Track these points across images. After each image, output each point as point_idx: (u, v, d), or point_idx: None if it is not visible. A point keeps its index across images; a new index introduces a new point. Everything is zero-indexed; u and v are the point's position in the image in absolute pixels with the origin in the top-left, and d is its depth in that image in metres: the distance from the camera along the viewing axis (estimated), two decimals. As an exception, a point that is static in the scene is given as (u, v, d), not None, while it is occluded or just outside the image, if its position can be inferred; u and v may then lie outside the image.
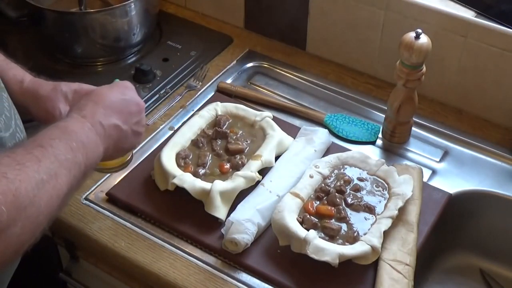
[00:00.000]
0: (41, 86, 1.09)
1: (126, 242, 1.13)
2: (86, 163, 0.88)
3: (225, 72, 1.48)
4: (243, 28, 1.60)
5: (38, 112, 1.07)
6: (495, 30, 1.26)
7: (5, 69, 1.08)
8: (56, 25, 1.47)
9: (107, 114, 0.95)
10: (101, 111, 0.95)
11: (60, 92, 1.08)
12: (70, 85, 1.10)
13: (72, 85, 1.10)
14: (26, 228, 0.76)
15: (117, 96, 1.00)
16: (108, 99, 0.98)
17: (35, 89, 1.08)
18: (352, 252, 1.04)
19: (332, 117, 1.35)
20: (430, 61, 1.23)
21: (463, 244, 1.29)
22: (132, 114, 1.01)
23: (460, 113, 1.39)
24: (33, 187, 0.77)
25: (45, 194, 0.79)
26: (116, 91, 1.01)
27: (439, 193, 1.20)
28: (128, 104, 1.00)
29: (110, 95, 0.99)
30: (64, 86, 1.09)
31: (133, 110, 1.01)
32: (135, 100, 1.02)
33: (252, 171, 1.16)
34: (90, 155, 0.89)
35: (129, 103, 1.01)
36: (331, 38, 1.48)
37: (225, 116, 1.28)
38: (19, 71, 1.10)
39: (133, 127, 1.01)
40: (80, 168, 0.87)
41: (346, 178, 1.17)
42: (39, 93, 1.08)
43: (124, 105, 0.99)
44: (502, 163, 1.29)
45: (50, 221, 0.82)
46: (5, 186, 0.74)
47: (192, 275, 1.08)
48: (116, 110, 0.97)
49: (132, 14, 1.46)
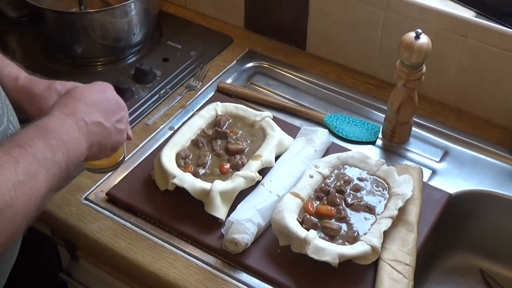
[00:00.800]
0: (35, 84, 1.09)
1: (126, 242, 1.13)
2: (67, 161, 0.87)
3: (225, 72, 1.48)
4: (243, 28, 1.60)
5: (32, 110, 1.07)
6: (495, 30, 1.26)
7: (0, 66, 1.08)
8: (56, 25, 1.47)
9: (89, 111, 0.95)
10: (83, 108, 0.94)
11: (55, 91, 1.08)
12: (64, 84, 1.09)
13: (67, 84, 1.10)
14: (4, 229, 0.76)
15: (98, 95, 0.99)
16: (89, 97, 0.98)
17: (30, 87, 1.08)
18: (352, 252, 1.04)
19: (332, 117, 1.35)
20: (430, 61, 1.23)
21: (463, 244, 1.29)
22: (114, 112, 1.01)
23: (460, 113, 1.39)
24: (9, 189, 0.76)
25: (22, 195, 0.78)
26: (96, 90, 1.01)
27: (439, 193, 1.20)
28: (109, 103, 1.00)
29: (91, 94, 0.99)
30: (59, 85, 1.09)
31: (114, 108, 1.01)
32: (115, 99, 1.02)
33: (252, 171, 1.16)
34: (72, 153, 0.88)
35: (110, 101, 1.01)
36: (331, 38, 1.48)
37: (225, 116, 1.28)
38: (14, 68, 1.10)
39: (115, 124, 1.00)
40: (60, 167, 0.86)
41: (346, 178, 1.17)
42: (34, 91, 1.08)
43: (105, 103, 0.99)
44: (502, 163, 1.29)
45: (29, 222, 0.81)
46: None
47: (192, 275, 1.08)
48: (98, 108, 0.97)
49: (132, 14, 1.46)
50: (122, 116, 1.02)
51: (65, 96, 0.98)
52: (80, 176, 1.22)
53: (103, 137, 0.97)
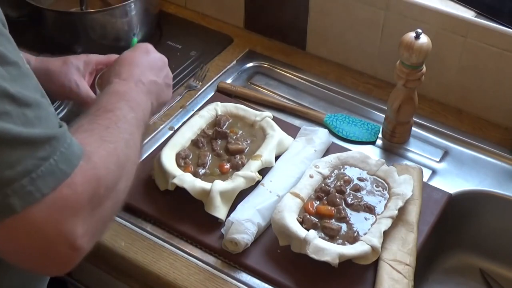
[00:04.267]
0: (50, 62, 1.14)
1: (126, 242, 1.13)
2: (145, 120, 0.96)
3: (225, 72, 1.48)
4: (243, 28, 1.61)
5: (53, 87, 1.11)
6: (495, 30, 1.26)
7: None
8: (56, 25, 1.48)
9: (143, 72, 1.02)
10: (137, 71, 1.02)
11: (72, 65, 1.13)
12: (79, 58, 1.16)
13: (81, 57, 1.16)
14: (127, 182, 0.85)
15: (143, 56, 1.07)
16: (138, 59, 1.05)
17: (45, 66, 1.13)
18: (352, 252, 1.04)
19: (332, 117, 1.35)
20: (430, 61, 1.23)
21: (463, 244, 1.29)
22: (161, 68, 1.08)
23: (460, 113, 1.39)
24: (125, 146, 0.84)
25: (132, 150, 0.86)
26: (140, 52, 1.08)
27: (439, 193, 1.20)
28: (155, 61, 1.08)
29: (138, 56, 1.06)
30: (74, 59, 1.15)
31: (160, 65, 1.09)
32: (158, 56, 1.10)
33: (252, 171, 1.16)
34: (146, 111, 0.97)
35: (155, 59, 1.08)
36: (331, 38, 1.48)
37: (225, 116, 1.28)
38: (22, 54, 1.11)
39: (165, 80, 1.08)
40: (143, 125, 0.94)
41: (346, 178, 1.17)
42: (51, 70, 1.12)
43: (152, 62, 1.07)
44: (502, 163, 1.29)
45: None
46: (107, 148, 0.80)
47: (192, 275, 1.08)
48: (148, 68, 1.04)
49: (132, 14, 1.46)
50: (167, 71, 1.11)
51: (115, 64, 1.05)
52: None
53: (158, 94, 1.05)
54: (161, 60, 1.10)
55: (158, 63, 1.08)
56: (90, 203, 0.74)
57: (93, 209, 0.75)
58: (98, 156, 0.77)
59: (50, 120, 0.73)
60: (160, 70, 1.08)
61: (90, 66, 1.16)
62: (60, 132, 0.73)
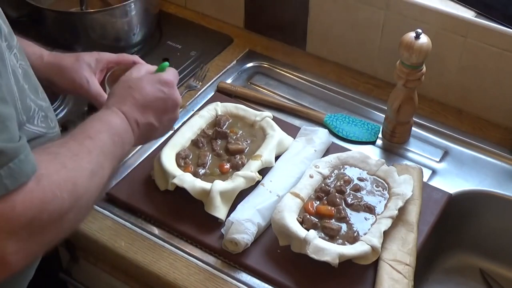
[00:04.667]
0: (63, 58, 1.15)
1: (126, 242, 1.13)
2: (122, 157, 0.96)
3: (225, 72, 1.48)
4: (243, 28, 1.61)
5: (65, 83, 1.13)
6: (495, 30, 1.26)
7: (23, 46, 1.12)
8: (56, 25, 1.48)
9: (144, 112, 1.00)
10: (139, 109, 0.99)
11: (83, 62, 1.14)
12: (91, 55, 1.16)
13: (93, 54, 1.16)
14: (79, 214, 0.83)
15: (156, 94, 1.02)
16: (148, 96, 1.01)
17: (58, 62, 1.14)
18: (352, 252, 1.04)
19: (332, 117, 1.35)
20: (430, 61, 1.23)
21: (463, 244, 1.29)
22: (167, 111, 1.04)
23: (460, 113, 1.39)
24: (87, 177, 0.83)
25: (95, 183, 0.85)
26: (156, 88, 1.03)
27: (439, 193, 1.20)
28: (165, 101, 1.03)
29: (150, 92, 1.02)
30: (86, 56, 1.16)
31: (168, 108, 1.04)
32: (172, 97, 1.05)
33: (252, 171, 1.16)
34: (125, 149, 0.97)
35: (167, 100, 1.04)
36: (331, 38, 1.48)
37: (225, 116, 1.28)
38: (36, 48, 1.15)
39: (165, 123, 1.05)
40: (118, 161, 0.94)
41: (346, 178, 1.17)
42: (63, 65, 1.14)
43: (161, 102, 1.03)
44: (502, 163, 1.29)
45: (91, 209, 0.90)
46: (65, 175, 0.79)
47: (192, 275, 1.08)
48: (153, 109, 1.01)
49: (132, 14, 1.46)
50: (174, 114, 1.06)
51: (125, 87, 1.02)
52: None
53: (149, 136, 1.04)
54: (173, 102, 1.05)
55: (168, 104, 1.04)
56: (28, 226, 0.74)
57: (31, 233, 0.75)
58: (50, 180, 0.77)
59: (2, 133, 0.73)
60: (166, 112, 1.04)
61: (101, 64, 1.17)
62: (11, 147, 0.73)
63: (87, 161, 0.84)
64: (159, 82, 1.03)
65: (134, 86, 1.02)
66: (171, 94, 1.04)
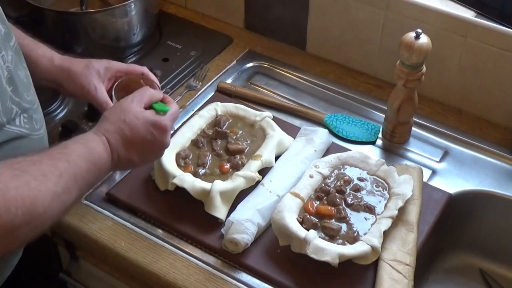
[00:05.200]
0: (73, 63, 1.16)
1: (126, 242, 1.13)
2: (94, 183, 0.99)
3: (225, 72, 1.48)
4: (243, 28, 1.61)
5: (73, 87, 1.15)
6: (495, 30, 1.26)
7: (34, 48, 1.15)
8: (56, 25, 1.47)
9: (128, 149, 1.00)
10: (124, 144, 1.00)
11: (93, 69, 1.16)
12: (101, 62, 1.18)
13: (103, 62, 1.18)
14: (34, 231, 0.85)
15: (146, 135, 1.02)
16: (136, 136, 1.01)
17: (68, 66, 1.15)
18: (352, 252, 1.04)
19: (332, 117, 1.35)
20: (430, 61, 1.23)
21: (463, 244, 1.29)
22: (153, 153, 1.06)
23: (460, 113, 1.39)
24: (49, 199, 0.85)
25: (57, 205, 0.87)
26: (147, 129, 1.02)
27: (439, 193, 1.20)
28: (152, 144, 1.04)
29: (140, 132, 1.02)
30: (96, 63, 1.17)
31: (155, 149, 1.06)
32: (161, 142, 1.04)
33: (252, 171, 1.16)
34: (100, 177, 1.01)
35: (154, 143, 1.04)
36: (331, 38, 1.48)
37: (225, 116, 1.28)
38: (47, 50, 1.17)
39: (147, 160, 1.07)
40: (88, 187, 0.97)
41: (346, 178, 1.17)
42: (73, 70, 1.15)
43: (148, 144, 1.03)
44: (502, 163, 1.29)
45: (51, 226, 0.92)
46: (25, 193, 0.82)
47: (192, 275, 1.08)
48: (139, 148, 1.02)
49: (132, 14, 1.46)
50: (158, 154, 1.08)
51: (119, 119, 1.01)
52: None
53: (126, 168, 1.11)
54: (160, 146, 1.05)
55: (154, 147, 1.04)
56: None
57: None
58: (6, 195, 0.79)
59: None
60: (150, 153, 1.05)
61: (110, 72, 1.18)
62: None
63: (54, 183, 0.86)
64: (153, 125, 1.03)
65: (128, 121, 1.01)
66: (161, 139, 1.04)
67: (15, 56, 0.97)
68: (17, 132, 0.95)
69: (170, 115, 1.06)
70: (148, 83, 1.20)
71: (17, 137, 0.96)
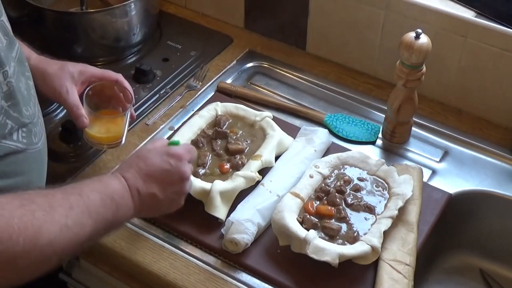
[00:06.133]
0: (48, 64, 1.15)
1: (126, 242, 1.12)
2: (113, 222, 0.93)
3: (225, 72, 1.48)
4: (243, 28, 1.60)
5: (46, 88, 1.13)
6: (495, 30, 1.26)
7: None
8: (56, 25, 1.48)
9: (146, 181, 0.98)
10: (142, 178, 0.98)
11: (68, 72, 1.15)
12: (76, 66, 1.17)
13: (78, 65, 1.17)
14: (37, 263, 0.81)
15: (162, 165, 1.00)
16: (152, 167, 1.00)
17: (43, 67, 1.14)
18: (352, 252, 1.04)
19: (332, 117, 1.35)
20: (430, 61, 1.23)
21: (463, 244, 1.29)
22: (173, 184, 1.01)
23: (460, 113, 1.39)
24: (56, 230, 0.82)
25: (65, 238, 0.83)
26: (162, 160, 1.01)
27: (439, 193, 1.20)
28: (171, 174, 1.01)
29: (156, 163, 1.00)
30: (71, 66, 1.16)
31: (174, 180, 1.01)
32: (179, 171, 1.02)
33: (252, 171, 1.16)
34: (120, 216, 0.95)
35: (173, 173, 1.01)
36: (331, 38, 1.48)
37: (225, 116, 1.28)
38: (25, 49, 1.14)
39: (170, 195, 1.02)
40: (106, 225, 0.92)
41: (346, 178, 1.17)
42: (47, 71, 1.14)
43: (166, 175, 1.00)
44: (502, 163, 1.29)
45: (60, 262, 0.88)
46: (29, 222, 0.79)
47: (192, 275, 1.08)
48: (157, 180, 0.99)
49: (132, 14, 1.46)
50: (181, 187, 1.03)
51: (133, 157, 1.02)
52: (80, 176, 1.23)
53: (153, 207, 1.01)
54: (180, 176, 1.02)
55: (174, 177, 1.01)
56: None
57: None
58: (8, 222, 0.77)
59: None
60: (171, 185, 1.01)
61: (84, 76, 1.18)
62: None
63: (63, 215, 0.83)
64: (167, 154, 1.02)
65: (141, 156, 1.01)
66: (178, 167, 1.01)
67: (17, 67, 0.95)
68: (13, 147, 0.93)
69: (183, 145, 1.06)
70: (121, 90, 1.21)
71: (12, 152, 0.93)
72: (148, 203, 0.99)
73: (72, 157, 1.28)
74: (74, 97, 1.15)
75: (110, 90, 1.21)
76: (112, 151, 1.27)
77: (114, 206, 0.92)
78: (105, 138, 1.18)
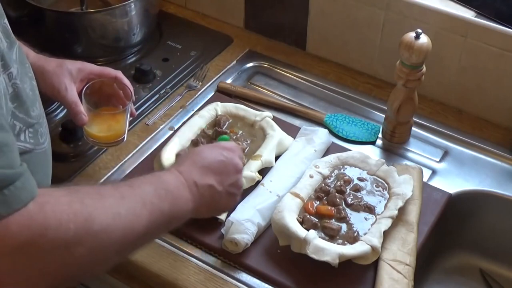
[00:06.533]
0: (46, 62, 1.15)
1: (126, 242, 1.12)
2: (171, 214, 0.90)
3: (225, 72, 1.48)
4: (243, 28, 1.60)
5: (44, 86, 1.12)
6: (495, 30, 1.26)
7: None
8: (56, 25, 1.47)
9: (203, 173, 0.97)
10: (198, 170, 0.97)
11: (66, 69, 1.15)
12: (74, 63, 1.17)
13: (76, 63, 1.17)
14: (95, 251, 0.78)
15: (216, 157, 1.01)
16: (207, 159, 1.00)
17: (41, 64, 1.14)
18: (352, 252, 1.04)
19: (332, 117, 1.35)
20: (430, 61, 1.23)
21: (463, 244, 1.29)
22: (229, 175, 1.01)
23: (460, 113, 1.39)
24: (108, 217, 0.79)
25: (119, 227, 0.81)
26: (216, 152, 1.02)
27: (439, 193, 1.20)
28: (226, 165, 1.01)
29: (209, 155, 1.01)
30: (69, 63, 1.16)
31: (230, 171, 1.01)
32: (233, 162, 1.02)
33: (252, 171, 1.16)
34: (178, 208, 0.92)
35: (227, 164, 1.01)
36: (331, 38, 1.48)
37: (225, 116, 1.28)
38: (23, 48, 1.12)
39: (228, 188, 1.01)
40: (163, 216, 0.88)
41: (346, 178, 1.17)
42: (46, 69, 1.14)
43: (221, 166, 1.00)
44: (502, 163, 1.29)
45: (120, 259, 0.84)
46: (78, 209, 0.77)
47: (192, 275, 1.08)
48: (213, 171, 0.99)
49: (132, 14, 1.46)
50: (236, 179, 1.02)
51: (186, 154, 1.03)
52: (80, 176, 1.23)
53: (213, 200, 0.99)
54: (234, 167, 1.02)
55: (228, 169, 1.01)
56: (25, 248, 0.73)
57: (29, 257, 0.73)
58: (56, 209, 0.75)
59: None
60: (227, 176, 1.00)
61: (83, 73, 1.17)
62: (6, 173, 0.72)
63: (114, 203, 0.82)
64: (219, 147, 1.03)
65: (194, 151, 1.03)
66: (231, 159, 1.01)
67: (20, 68, 0.95)
68: (21, 147, 0.92)
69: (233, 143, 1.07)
70: (121, 87, 1.20)
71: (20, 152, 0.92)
72: (208, 196, 0.97)
73: (72, 157, 1.28)
74: (73, 94, 1.15)
75: (109, 87, 1.20)
76: (112, 151, 1.27)
77: (169, 198, 0.90)
78: (107, 136, 1.18)
